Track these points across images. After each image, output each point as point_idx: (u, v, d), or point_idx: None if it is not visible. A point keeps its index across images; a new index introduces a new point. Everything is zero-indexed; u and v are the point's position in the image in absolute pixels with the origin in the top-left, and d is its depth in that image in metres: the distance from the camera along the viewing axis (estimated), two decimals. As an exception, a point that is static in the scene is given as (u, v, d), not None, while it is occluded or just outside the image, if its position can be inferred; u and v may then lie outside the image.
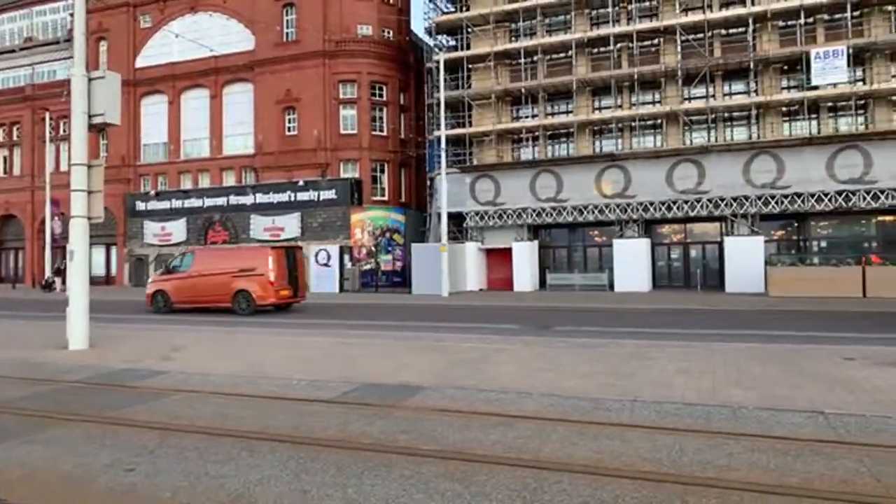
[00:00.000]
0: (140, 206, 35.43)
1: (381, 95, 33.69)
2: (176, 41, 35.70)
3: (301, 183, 31.48)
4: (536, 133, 29.42)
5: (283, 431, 5.48)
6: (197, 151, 36.52)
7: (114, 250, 37.34)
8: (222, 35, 35.60)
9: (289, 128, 33.84)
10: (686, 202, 25.86)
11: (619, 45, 27.68)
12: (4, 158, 41.04)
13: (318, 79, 32.90)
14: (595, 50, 28.80)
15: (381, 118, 33.63)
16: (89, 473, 4.49)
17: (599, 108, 29.10)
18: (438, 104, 27.41)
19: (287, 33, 34.09)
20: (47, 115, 34.77)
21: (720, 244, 26.40)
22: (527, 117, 29.84)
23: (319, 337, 11.72)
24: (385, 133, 33.61)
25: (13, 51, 44.40)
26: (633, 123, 27.70)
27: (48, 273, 32.96)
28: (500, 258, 28.78)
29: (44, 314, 18.25)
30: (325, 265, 28.53)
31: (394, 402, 6.55)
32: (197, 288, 19.25)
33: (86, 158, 10.60)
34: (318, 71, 32.96)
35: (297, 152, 33.29)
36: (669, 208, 26.14)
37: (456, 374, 7.82)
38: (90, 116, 10.49)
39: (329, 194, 30.96)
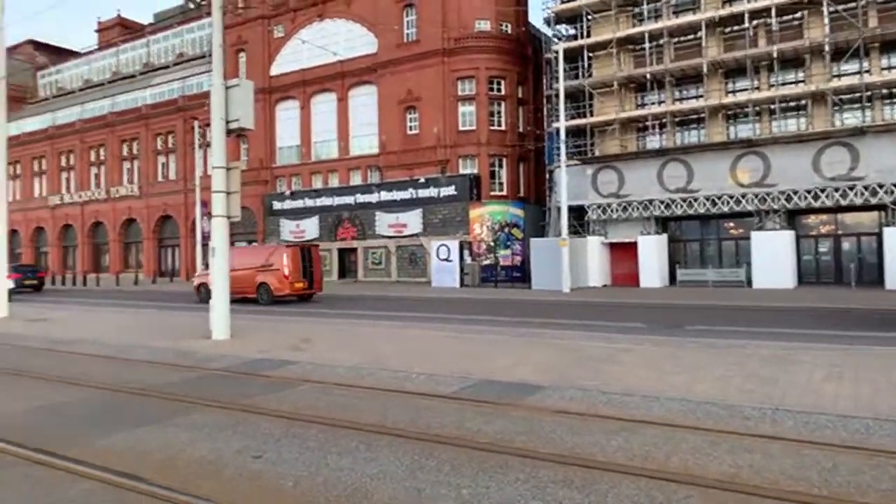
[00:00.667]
0: (276, 205, 37.87)
1: (498, 90, 33.55)
2: (306, 49, 37.78)
3: (422, 180, 32.13)
4: (663, 120, 27.89)
5: (400, 426, 5.52)
6: (326, 153, 38.45)
7: (254, 247, 40.28)
8: (347, 40, 37.13)
9: (410, 127, 34.66)
10: (836, 190, 23.34)
11: (755, 23, 25.49)
12: (162, 164, 45.53)
13: (437, 77, 33.38)
14: (727, 29, 26.74)
15: (498, 113, 33.51)
16: (221, 459, 4.75)
17: (733, 92, 26.99)
18: (557, 95, 26.76)
19: (407, 34, 34.90)
20: (196, 124, 38.08)
21: (879, 235, 23.57)
22: (653, 104, 28.35)
23: (440, 332, 11.81)
24: (503, 127, 33.46)
25: (167, 66, 49.25)
26: (772, 106, 25.42)
27: (199, 268, 36.17)
28: (624, 253, 27.64)
29: (194, 306, 19.99)
30: (446, 260, 28.90)
31: (511, 400, 6.40)
32: (230, 282, 20.49)
33: (225, 162, 11.41)
34: (437, 69, 33.44)
35: (417, 150, 34.03)
36: (816, 197, 23.73)
37: (577, 374, 7.52)
38: (227, 122, 11.27)
39: (449, 190, 31.33)
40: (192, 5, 54.90)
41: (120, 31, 56.29)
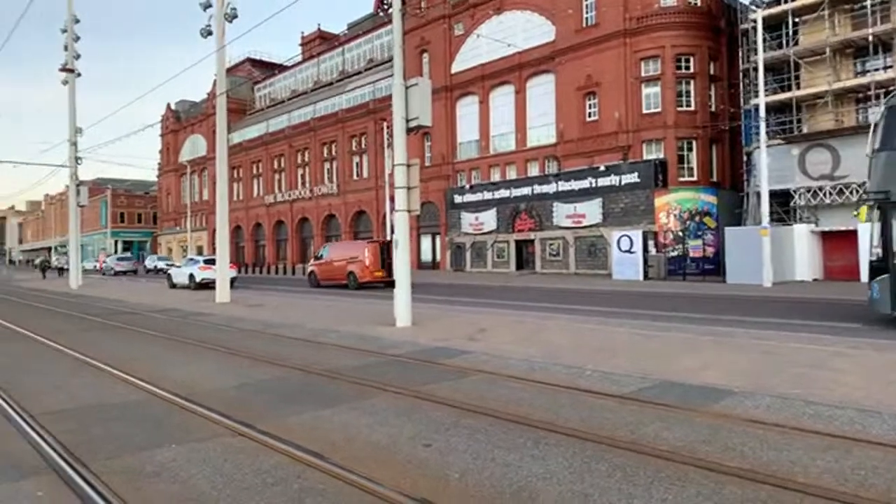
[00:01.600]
0: (457, 198, 39.07)
1: (687, 68, 31.21)
2: (484, 44, 38.37)
3: (602, 168, 31.00)
4: (890, 88, 23.93)
5: (571, 424, 5.30)
6: (504, 145, 38.79)
7: (438, 239, 42.03)
8: (525, 31, 37.02)
9: (589, 113, 33.65)
10: None
11: None
12: (356, 164, 49.30)
13: (619, 59, 31.96)
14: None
15: (687, 92, 31.17)
16: (395, 444, 4.93)
17: None
18: (756, 68, 24.16)
19: (586, 18, 33.86)
20: (385, 125, 40.60)
21: None
22: (876, 70, 24.43)
23: (619, 327, 11.27)
24: (692, 108, 31.08)
25: (359, 72, 53.08)
26: None
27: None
28: (841, 242, 24.19)
29: (384, 294, 21.33)
30: (628, 252, 27.60)
31: (696, 405, 5.86)
32: (329, 270, 27.66)
33: (405, 159, 11.93)
34: (618, 52, 32.02)
35: (597, 137, 32.92)
36: None
37: (775, 381, 6.67)
38: (407, 120, 11.77)
39: (631, 178, 29.84)
40: (380, 13, 58.57)
41: (320, 42, 61.87)
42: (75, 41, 31.03)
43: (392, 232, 38.11)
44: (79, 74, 31.60)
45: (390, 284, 24.70)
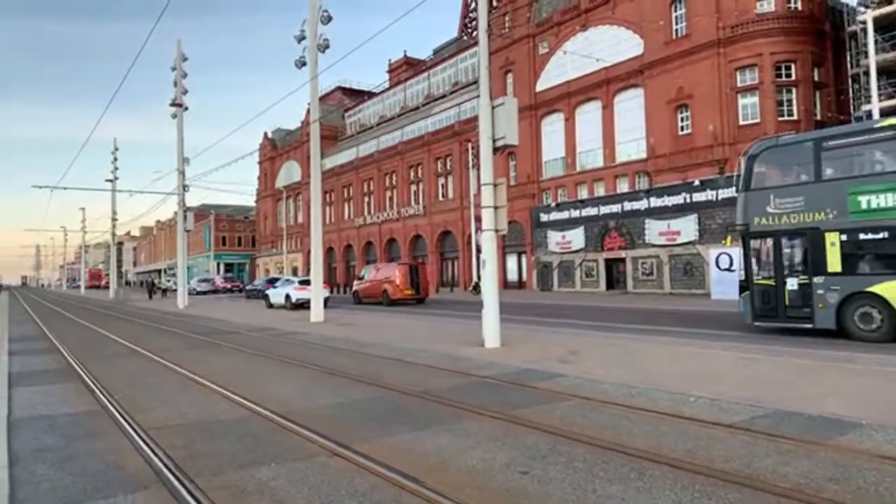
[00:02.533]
0: (543, 217, 38.62)
1: (788, 75, 29.49)
2: (570, 61, 38.04)
3: (697, 183, 29.71)
4: None
5: (677, 455, 4.98)
6: (591, 162, 38.07)
7: (524, 258, 41.66)
8: (611, 45, 36.38)
9: (681, 127, 32.46)
10: None
11: None
12: (442, 185, 49.92)
13: (712, 70, 30.71)
14: None
15: (788, 101, 29.42)
16: (490, 470, 4.80)
17: None
18: (867, 73, 22.48)
19: (676, 29, 32.86)
20: (469, 146, 40.93)
21: None
22: None
23: (723, 351, 10.61)
24: (795, 117, 29.26)
25: (445, 95, 53.97)
26: None
27: (474, 279, 38.65)
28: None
29: (471, 314, 21.27)
30: (728, 270, 26.13)
31: (818, 437, 5.36)
32: (368, 289, 31.25)
33: (492, 178, 11.89)
34: (711, 62, 30.79)
35: (690, 151, 31.66)
36: None
37: (909, 411, 6.01)
38: (494, 140, 11.74)
39: (729, 192, 28.27)
40: (465, 37, 59.43)
41: (406, 68, 63.57)
42: (183, 78, 33.45)
43: (478, 252, 38.13)
44: (186, 108, 33.99)
45: (420, 301, 29.64)
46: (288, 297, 28.30)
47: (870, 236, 11.69)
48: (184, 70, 33.34)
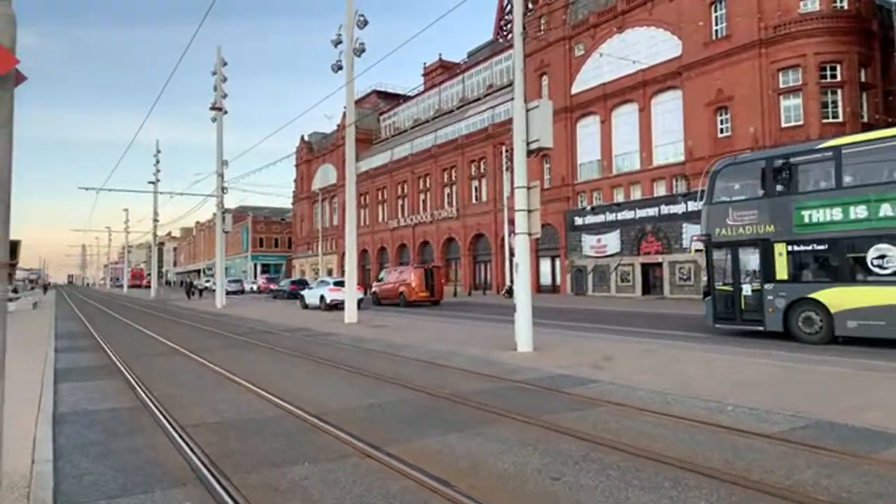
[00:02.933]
0: (578, 220, 38.28)
1: (833, 76, 28.65)
2: (606, 63, 37.64)
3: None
4: None
5: (714, 465, 4.87)
6: (627, 165, 37.58)
7: (557, 262, 41.34)
8: (648, 47, 35.89)
9: (721, 129, 31.83)
10: None
11: None
12: (475, 188, 49.91)
13: (753, 72, 30.03)
14: None
15: (833, 102, 28.56)
16: (521, 475, 4.77)
17: None
18: (919, 72, 21.68)
19: (715, 30, 32.24)
20: (503, 149, 40.82)
21: None
22: None
23: (762, 359, 10.35)
24: (840, 119, 28.40)
25: (479, 98, 53.97)
26: None
27: (507, 282, 38.52)
28: None
29: (502, 318, 21.20)
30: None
31: (860, 450, 5.19)
32: (386, 290, 32.41)
33: (526, 181, 11.84)
34: (752, 63, 30.12)
35: (731, 154, 30.96)
36: None
37: (961, 425, 5.77)
38: (528, 143, 11.69)
39: (770, 196, 27.67)
40: (500, 39, 59.43)
41: (441, 72, 63.78)
42: (223, 82, 34.19)
43: (511, 255, 37.99)
44: (226, 112, 34.72)
45: (435, 303, 30.78)
46: (322, 298, 28.66)
47: (811, 248, 12.96)
48: (223, 74, 34.08)
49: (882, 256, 11.75)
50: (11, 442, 4.73)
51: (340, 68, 20.95)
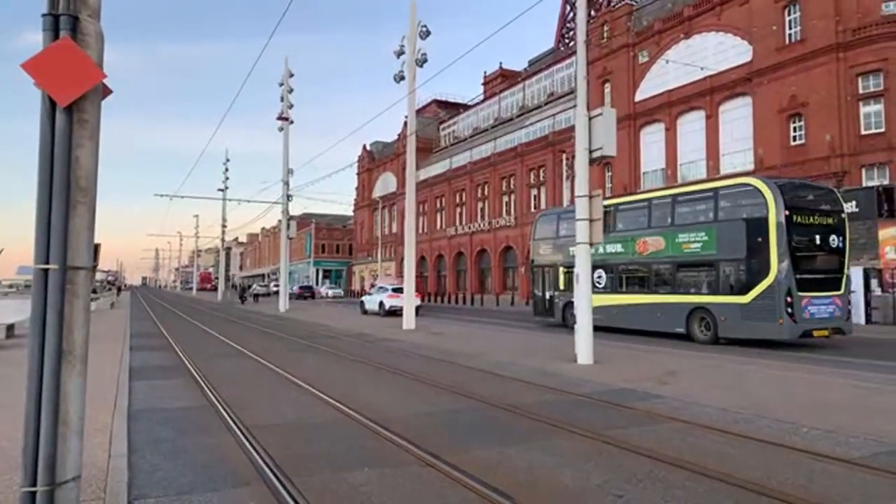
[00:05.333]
0: (640, 231, 37.32)
1: (919, 80, 27.02)
2: (671, 69, 36.74)
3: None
4: None
5: (788, 489, 4.62)
6: (693, 173, 36.48)
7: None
8: (716, 53, 34.85)
9: (794, 137, 30.52)
10: None
11: None
12: (534, 196, 49.54)
13: (830, 76, 28.69)
14: None
15: (920, 108, 26.91)
16: (582, 490, 4.67)
17: None
18: None
19: (789, 34, 30.98)
20: (564, 157, 40.39)
21: None
22: None
23: (839, 378, 9.81)
24: (927, 125, 26.72)
25: (539, 106, 53.64)
26: None
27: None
28: None
29: (557, 329, 20.88)
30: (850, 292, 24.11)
31: (953, 481, 4.82)
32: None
33: (587, 190, 11.66)
34: (828, 68, 28.79)
35: (804, 163, 29.65)
36: None
37: None
38: (590, 151, 11.51)
39: (848, 207, 26.21)
40: (561, 47, 58.93)
41: (501, 80, 63.78)
42: (289, 93, 35.25)
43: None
44: (292, 122, 35.76)
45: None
46: (381, 304, 29.02)
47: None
48: (290, 85, 35.13)
49: (600, 277, 19.37)
50: (90, 436, 4.97)
51: (402, 78, 21.24)
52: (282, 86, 35.24)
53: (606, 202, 17.35)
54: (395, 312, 26.27)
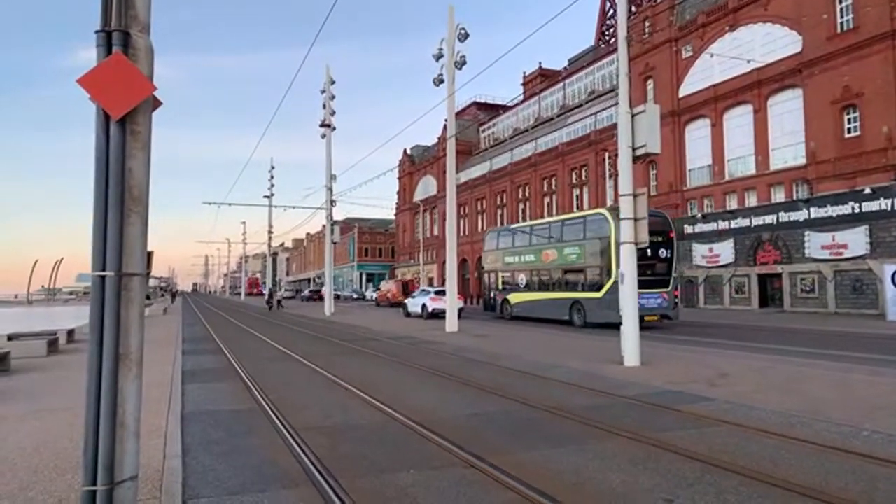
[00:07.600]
0: (687, 229, 36.52)
1: (985, 65, 25.66)
2: (716, 63, 35.86)
3: (868, 191, 26.62)
4: None
5: (849, 496, 4.44)
6: (741, 170, 35.53)
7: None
8: (763, 45, 33.86)
9: (848, 129, 29.38)
10: None
11: None
12: (576, 196, 48.99)
13: (885, 66, 27.55)
14: None
15: None
16: (631, 494, 4.58)
17: None
18: None
19: (841, 23, 29.85)
20: (606, 155, 39.84)
21: None
22: None
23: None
24: None
25: (580, 105, 53.03)
26: None
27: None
28: None
29: (599, 330, 20.58)
30: (907, 288, 23.12)
31: None
32: (381, 296, 48.71)
33: (631, 189, 11.47)
34: (884, 56, 27.64)
35: (859, 156, 28.51)
36: None
37: None
38: (634, 149, 11.32)
39: (908, 201, 25.12)
40: (602, 45, 58.17)
41: (541, 80, 63.32)
42: (331, 100, 35.78)
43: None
44: (334, 129, 36.29)
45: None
46: (424, 306, 29.14)
47: (509, 275, 27.32)
48: (332, 92, 35.67)
49: (522, 279, 26.21)
50: (146, 438, 5.14)
51: (442, 82, 21.31)
52: (323, 93, 35.80)
53: (525, 224, 28.62)
54: (438, 315, 26.35)
